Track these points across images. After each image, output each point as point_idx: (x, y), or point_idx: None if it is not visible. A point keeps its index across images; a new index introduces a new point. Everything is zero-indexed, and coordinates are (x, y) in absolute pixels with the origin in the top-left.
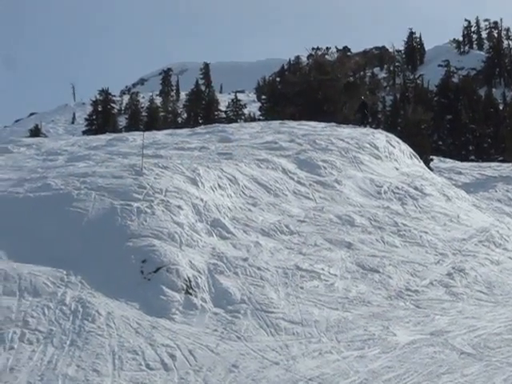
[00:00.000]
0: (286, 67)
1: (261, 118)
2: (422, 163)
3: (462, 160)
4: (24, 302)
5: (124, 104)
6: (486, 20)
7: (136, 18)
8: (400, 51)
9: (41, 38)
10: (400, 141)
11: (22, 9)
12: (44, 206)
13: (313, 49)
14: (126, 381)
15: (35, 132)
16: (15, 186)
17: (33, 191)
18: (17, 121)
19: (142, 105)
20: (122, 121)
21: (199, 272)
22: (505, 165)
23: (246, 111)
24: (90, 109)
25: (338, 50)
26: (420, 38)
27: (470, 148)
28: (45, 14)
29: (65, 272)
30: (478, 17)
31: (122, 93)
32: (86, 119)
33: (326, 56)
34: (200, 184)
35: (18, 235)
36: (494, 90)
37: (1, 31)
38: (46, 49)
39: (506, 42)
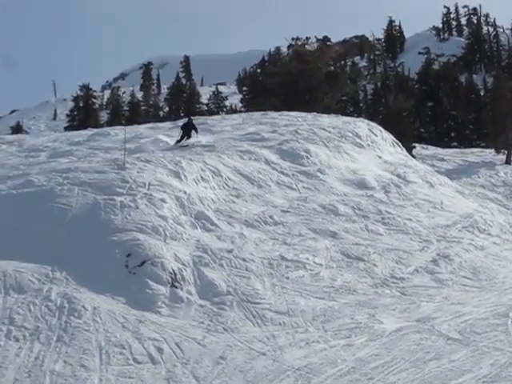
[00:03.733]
0: (266, 58)
1: (242, 109)
2: (404, 151)
3: (444, 147)
4: (9, 299)
5: (105, 99)
6: (464, 6)
7: (115, 12)
8: (380, 39)
9: (21, 34)
10: (382, 129)
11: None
12: (27, 203)
13: (292, 39)
14: (114, 375)
15: (17, 129)
16: None
17: (15, 188)
18: None
19: (124, 99)
20: (104, 116)
21: (184, 265)
22: (487, 150)
23: (227, 103)
24: (71, 105)
25: (317, 40)
26: (399, 25)
27: (452, 135)
28: (24, 10)
29: (50, 268)
30: (457, 3)
31: (103, 88)
32: (68, 115)
33: (306, 46)
34: (183, 177)
35: (1, 233)
36: (474, 76)
37: None
38: (27, 46)
39: (485, 28)
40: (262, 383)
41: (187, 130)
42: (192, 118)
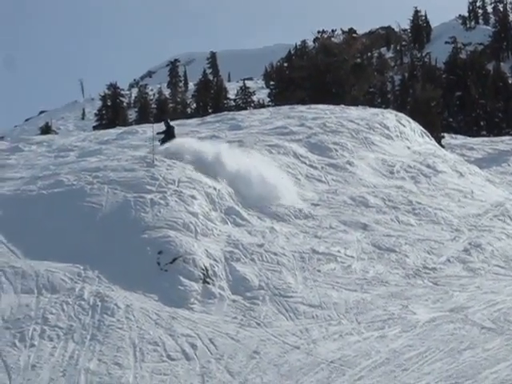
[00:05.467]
0: (292, 52)
1: (270, 104)
2: (433, 141)
3: (473, 136)
4: (42, 298)
5: (133, 97)
6: None
7: (141, 10)
8: (406, 30)
9: (47, 35)
10: (410, 119)
11: (24, 6)
12: (58, 203)
13: (318, 32)
14: (148, 372)
15: (46, 130)
16: (28, 184)
17: (46, 188)
18: (27, 119)
19: (151, 97)
20: (132, 114)
21: (216, 260)
22: None
23: (254, 98)
24: (99, 104)
25: (343, 32)
26: (425, 15)
27: (481, 123)
28: (48, 10)
29: (81, 267)
30: None
31: (131, 86)
32: (96, 114)
33: (332, 38)
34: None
35: (33, 233)
36: (502, 64)
37: (4, 32)
38: (53, 46)
39: (511, 16)
40: (296, 377)
41: (167, 136)
42: (169, 121)
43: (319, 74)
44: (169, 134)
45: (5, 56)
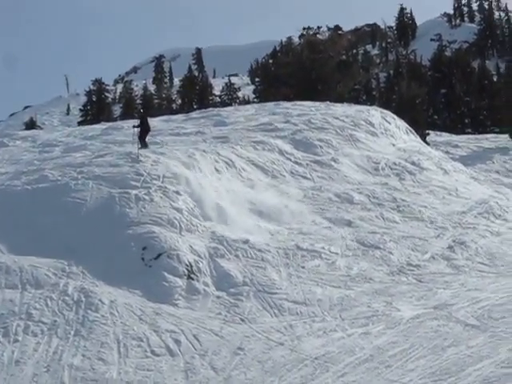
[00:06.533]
0: (278, 49)
1: (255, 100)
2: (418, 138)
3: (458, 133)
4: (26, 294)
5: (118, 93)
6: None
7: (126, 5)
8: (391, 27)
9: (32, 31)
10: (395, 117)
11: (9, 1)
12: (42, 198)
13: (304, 29)
14: (132, 368)
15: (30, 125)
16: (12, 179)
17: (30, 183)
18: (11, 115)
19: (136, 93)
20: (117, 110)
21: (200, 256)
22: (501, 136)
23: (240, 94)
24: (84, 99)
25: (329, 29)
26: (411, 13)
27: (466, 121)
28: (35, 6)
29: (66, 263)
30: None
31: (116, 82)
32: (81, 110)
33: (318, 35)
34: (197, 169)
35: (17, 228)
36: (487, 61)
37: None
38: (38, 42)
39: (497, 13)
40: (280, 373)
41: (143, 129)
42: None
43: (304, 71)
44: (143, 126)
45: None
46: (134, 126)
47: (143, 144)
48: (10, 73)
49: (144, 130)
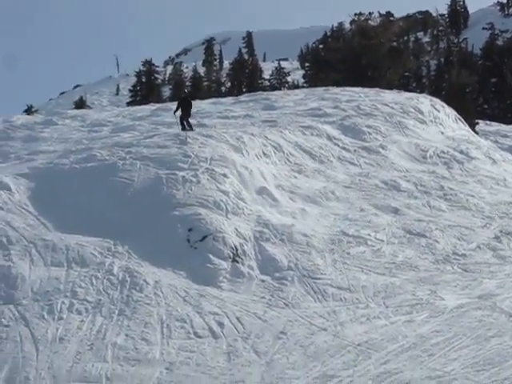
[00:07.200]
0: (328, 34)
1: (304, 85)
2: (467, 127)
3: (507, 123)
4: (72, 272)
5: (168, 74)
6: None
7: None
8: (443, 15)
9: (84, 10)
10: (445, 105)
11: None
12: (90, 177)
13: (355, 14)
14: (175, 349)
15: (80, 104)
16: (61, 158)
17: (78, 162)
18: (62, 93)
19: (186, 75)
20: (166, 91)
21: (245, 240)
22: None
23: (289, 79)
24: (133, 80)
25: (380, 15)
26: (463, 1)
27: None
28: None
29: (112, 242)
30: None
31: (166, 63)
32: (130, 90)
33: (369, 21)
34: (245, 152)
35: (64, 207)
36: None
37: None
38: (90, 20)
39: None
40: (322, 358)
41: (186, 110)
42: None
43: (354, 57)
44: (185, 108)
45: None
46: (174, 112)
47: (184, 126)
48: (62, 51)
49: (186, 112)
